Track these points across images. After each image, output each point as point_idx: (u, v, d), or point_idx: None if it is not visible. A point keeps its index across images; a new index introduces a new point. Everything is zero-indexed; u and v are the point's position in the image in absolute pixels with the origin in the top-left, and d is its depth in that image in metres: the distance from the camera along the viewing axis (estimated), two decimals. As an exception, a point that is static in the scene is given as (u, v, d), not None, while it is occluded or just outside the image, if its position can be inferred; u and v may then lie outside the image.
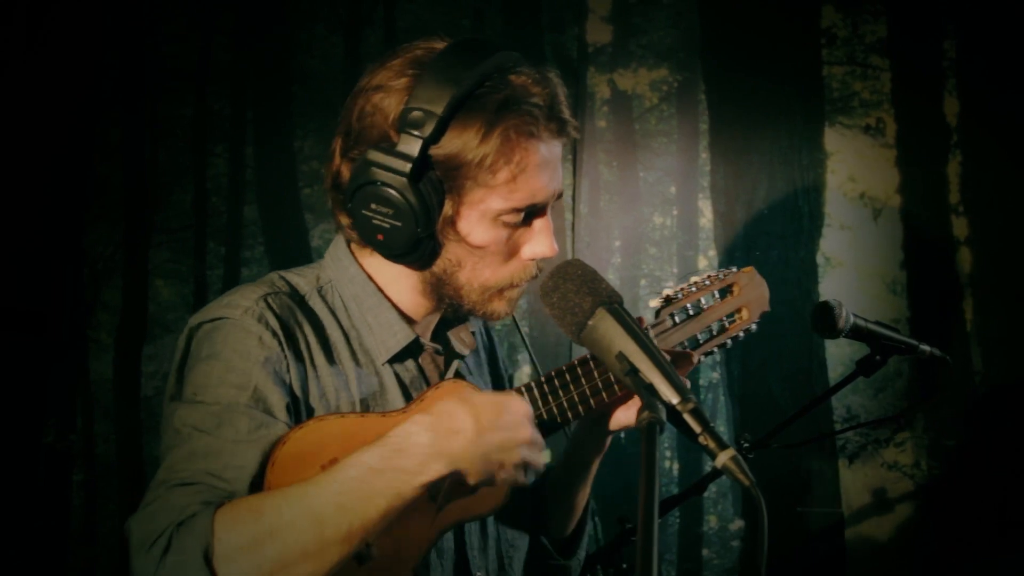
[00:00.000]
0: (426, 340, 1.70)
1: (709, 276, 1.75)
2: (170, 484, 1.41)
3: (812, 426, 2.90)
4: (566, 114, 1.59)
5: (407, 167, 1.50)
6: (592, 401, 1.64)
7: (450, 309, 1.66)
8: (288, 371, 1.53)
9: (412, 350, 1.66)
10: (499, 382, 1.90)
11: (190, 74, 3.19)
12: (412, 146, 1.50)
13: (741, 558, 3.06)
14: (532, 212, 1.59)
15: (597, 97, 3.16)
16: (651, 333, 1.68)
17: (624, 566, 2.20)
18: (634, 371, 1.28)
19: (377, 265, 1.65)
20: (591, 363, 1.64)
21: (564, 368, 1.64)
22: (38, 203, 3.09)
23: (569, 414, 1.63)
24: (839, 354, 3.02)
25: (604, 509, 3.01)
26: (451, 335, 1.75)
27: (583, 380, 1.63)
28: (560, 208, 3.13)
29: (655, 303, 1.71)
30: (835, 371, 3.03)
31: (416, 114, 1.50)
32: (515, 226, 1.58)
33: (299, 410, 1.53)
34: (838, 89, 3.12)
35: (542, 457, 1.52)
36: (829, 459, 3.05)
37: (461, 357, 1.73)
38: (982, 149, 3.06)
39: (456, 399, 1.45)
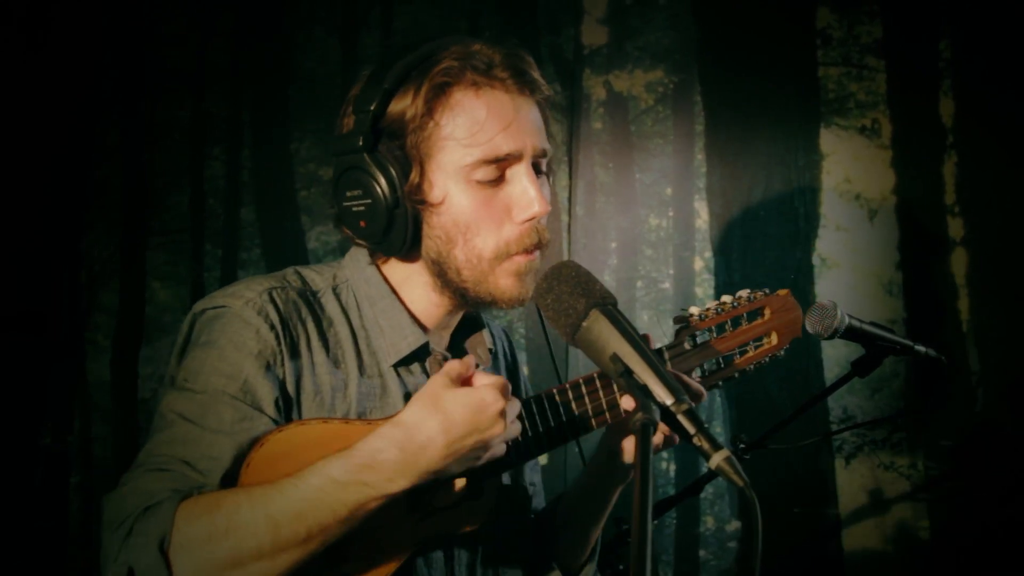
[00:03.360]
0: (439, 347, 1.69)
1: (739, 297, 1.70)
2: (146, 468, 1.44)
3: (808, 427, 2.90)
4: (527, 69, 1.59)
5: (358, 140, 1.54)
6: (593, 422, 1.61)
7: (467, 308, 1.66)
8: (282, 366, 1.53)
9: (420, 355, 1.65)
10: None
11: (188, 76, 3.19)
12: (362, 121, 1.55)
13: (738, 559, 3.07)
14: (507, 167, 1.58)
15: (593, 99, 3.17)
16: (666, 355, 1.65)
17: (621, 567, 2.20)
18: (628, 372, 1.29)
19: (392, 270, 1.66)
20: (596, 382, 1.61)
21: (567, 386, 1.60)
22: (36, 205, 3.09)
23: (567, 433, 1.60)
24: (835, 355, 3.02)
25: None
26: (467, 346, 1.74)
27: (586, 399, 1.60)
28: (556, 210, 3.14)
29: (677, 323, 1.68)
30: (831, 372, 3.03)
31: (365, 93, 1.56)
32: (494, 184, 1.57)
33: (290, 407, 1.53)
34: (834, 90, 3.12)
35: (515, 429, 1.49)
36: (825, 460, 3.05)
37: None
38: (978, 150, 3.06)
39: (426, 405, 1.41)
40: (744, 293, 1.72)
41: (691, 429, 1.23)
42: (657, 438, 1.60)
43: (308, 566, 1.39)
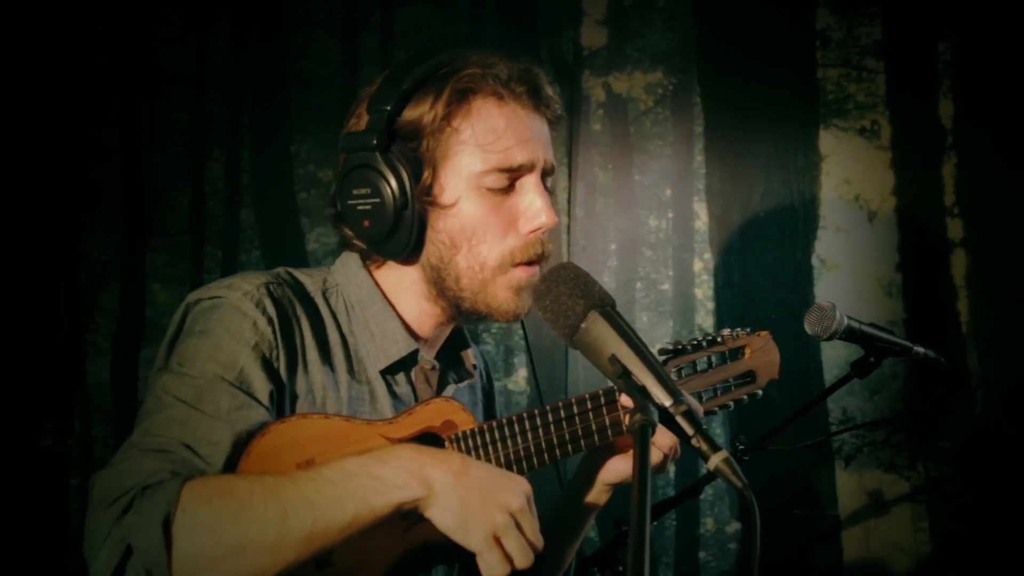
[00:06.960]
0: (428, 356, 1.68)
1: (722, 334, 1.72)
2: (143, 448, 1.41)
3: (808, 428, 2.90)
4: (542, 87, 1.61)
5: (372, 139, 1.54)
6: (570, 447, 1.60)
7: (459, 321, 1.65)
8: (278, 360, 1.53)
9: (407, 363, 1.65)
10: None
11: (187, 78, 3.20)
12: (378, 120, 1.55)
13: (737, 560, 3.06)
14: (518, 178, 1.59)
15: (592, 100, 3.17)
16: None
17: (620, 568, 2.19)
18: (627, 373, 1.28)
19: (385, 276, 1.66)
20: (587, 403, 1.60)
21: (536, 411, 1.59)
22: (36, 208, 3.09)
23: (534, 461, 1.58)
24: (835, 356, 3.02)
25: (601, 511, 3.01)
26: (454, 359, 1.74)
27: (564, 424, 1.59)
28: (556, 212, 3.14)
29: (662, 355, 1.67)
30: (831, 373, 3.03)
31: (382, 92, 1.56)
32: (503, 192, 1.58)
33: (283, 400, 1.53)
34: (833, 92, 3.12)
35: (533, 533, 1.44)
36: (825, 461, 3.05)
37: (457, 381, 1.72)
38: (977, 151, 3.06)
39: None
40: (727, 332, 1.74)
41: (690, 430, 1.23)
42: (656, 456, 1.59)
43: (296, 573, 1.38)
